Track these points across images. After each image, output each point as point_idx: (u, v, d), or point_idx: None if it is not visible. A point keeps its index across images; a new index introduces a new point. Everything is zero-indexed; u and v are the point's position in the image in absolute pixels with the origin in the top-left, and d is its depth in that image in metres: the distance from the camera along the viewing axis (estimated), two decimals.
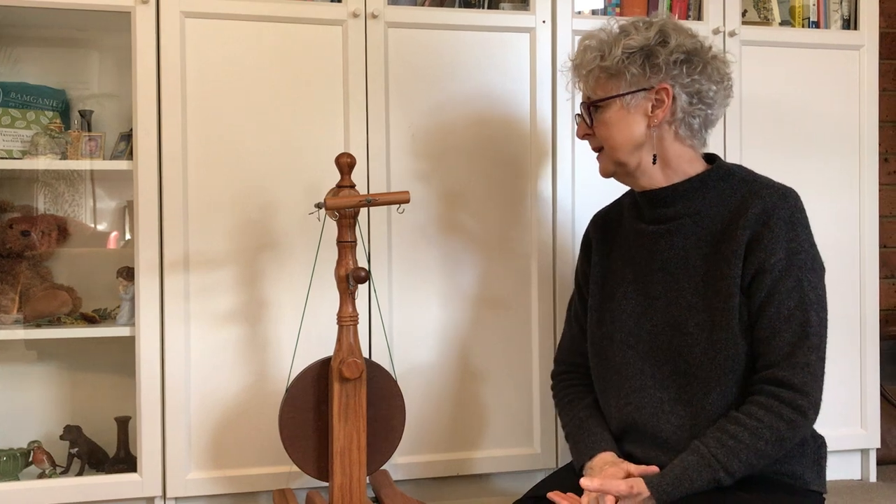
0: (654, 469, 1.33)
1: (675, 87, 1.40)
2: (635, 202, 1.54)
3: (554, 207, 2.15)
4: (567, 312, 1.70)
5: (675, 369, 1.40)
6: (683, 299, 1.41)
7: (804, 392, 1.29)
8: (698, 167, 1.46)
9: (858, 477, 2.37)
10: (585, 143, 1.53)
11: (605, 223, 1.61)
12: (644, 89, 1.40)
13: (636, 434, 1.44)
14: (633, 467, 1.35)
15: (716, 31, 2.20)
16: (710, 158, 1.50)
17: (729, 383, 1.36)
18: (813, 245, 1.37)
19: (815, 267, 1.36)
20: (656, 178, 1.45)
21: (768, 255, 1.33)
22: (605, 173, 1.50)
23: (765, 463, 1.31)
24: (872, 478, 2.35)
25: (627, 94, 1.40)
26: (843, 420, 2.29)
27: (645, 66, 1.39)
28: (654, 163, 1.43)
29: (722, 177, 1.43)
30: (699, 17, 2.24)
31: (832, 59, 2.30)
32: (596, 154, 1.51)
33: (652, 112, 1.41)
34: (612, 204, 1.65)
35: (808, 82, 2.29)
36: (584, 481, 1.27)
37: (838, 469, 2.34)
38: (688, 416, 1.38)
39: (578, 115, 1.52)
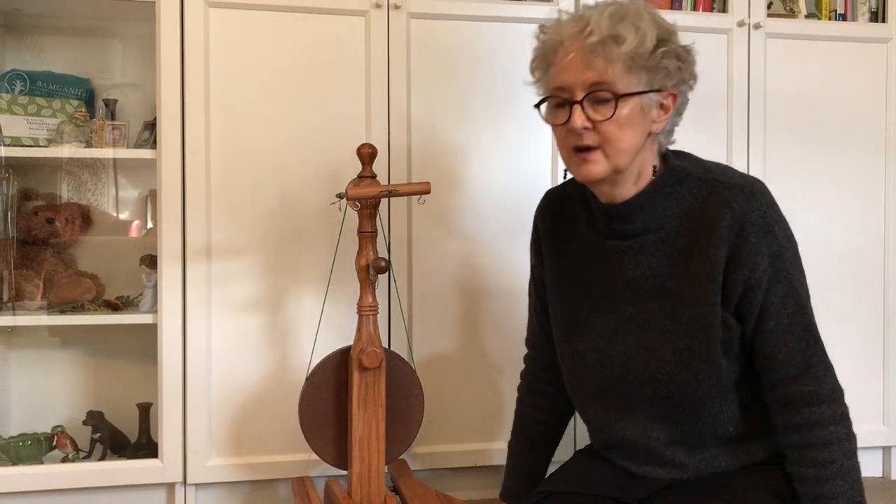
0: None
1: (680, 96, 1.25)
2: (587, 204, 1.35)
3: None
4: (529, 298, 1.54)
5: (657, 394, 1.28)
6: (657, 322, 1.26)
7: (835, 399, 1.22)
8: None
9: (880, 474, 2.35)
10: None
11: (554, 218, 1.43)
12: (657, 91, 1.21)
13: (628, 450, 1.34)
14: None
15: (740, 24, 2.18)
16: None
17: (716, 404, 1.26)
18: (790, 237, 1.23)
19: (796, 258, 1.24)
20: (630, 190, 1.26)
21: (752, 270, 1.20)
22: (595, 177, 1.22)
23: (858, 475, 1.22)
24: (894, 475, 2.33)
25: (650, 92, 1.19)
26: (865, 417, 2.27)
27: (678, 66, 1.21)
28: (654, 174, 1.26)
29: (676, 181, 1.26)
30: (724, 9, 2.23)
31: (859, 52, 2.27)
32: (579, 153, 1.22)
33: (657, 118, 1.23)
34: (559, 192, 1.44)
35: (835, 76, 2.26)
36: None
37: None
38: (679, 433, 1.29)
39: (559, 100, 1.23)
